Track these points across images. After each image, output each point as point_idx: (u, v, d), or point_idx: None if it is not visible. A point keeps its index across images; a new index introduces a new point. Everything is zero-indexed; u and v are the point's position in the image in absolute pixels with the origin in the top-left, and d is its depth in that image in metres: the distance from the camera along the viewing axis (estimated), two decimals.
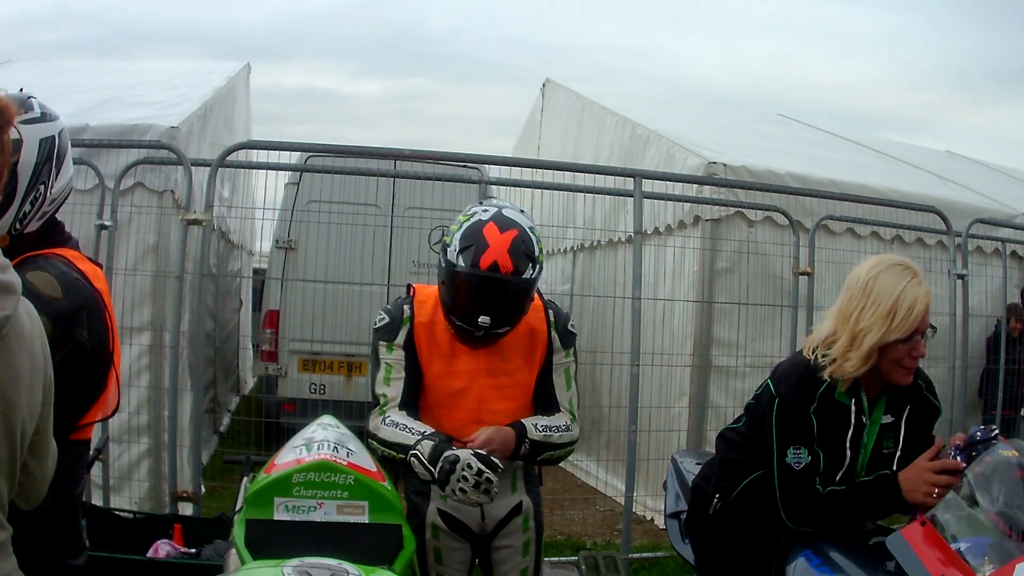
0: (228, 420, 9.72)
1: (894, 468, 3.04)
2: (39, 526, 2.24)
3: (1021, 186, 12.20)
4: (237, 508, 4.14)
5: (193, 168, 5.75)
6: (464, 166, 7.64)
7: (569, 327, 3.32)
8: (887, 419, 3.09)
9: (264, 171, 6.58)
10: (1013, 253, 8.87)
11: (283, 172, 7.32)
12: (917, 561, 2.51)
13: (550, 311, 3.30)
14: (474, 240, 3.02)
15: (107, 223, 5.59)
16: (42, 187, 2.44)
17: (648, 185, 6.48)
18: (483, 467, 2.81)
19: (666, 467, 4.26)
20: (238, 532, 2.83)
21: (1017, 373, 8.11)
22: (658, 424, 6.78)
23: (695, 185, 7.28)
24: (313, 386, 8.66)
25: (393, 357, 3.18)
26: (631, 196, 6.23)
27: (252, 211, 6.72)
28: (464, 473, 2.80)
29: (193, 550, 4.31)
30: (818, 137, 12.27)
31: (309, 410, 7.35)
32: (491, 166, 7.24)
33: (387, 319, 3.22)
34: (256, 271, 12.48)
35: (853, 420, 3.01)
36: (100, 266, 2.74)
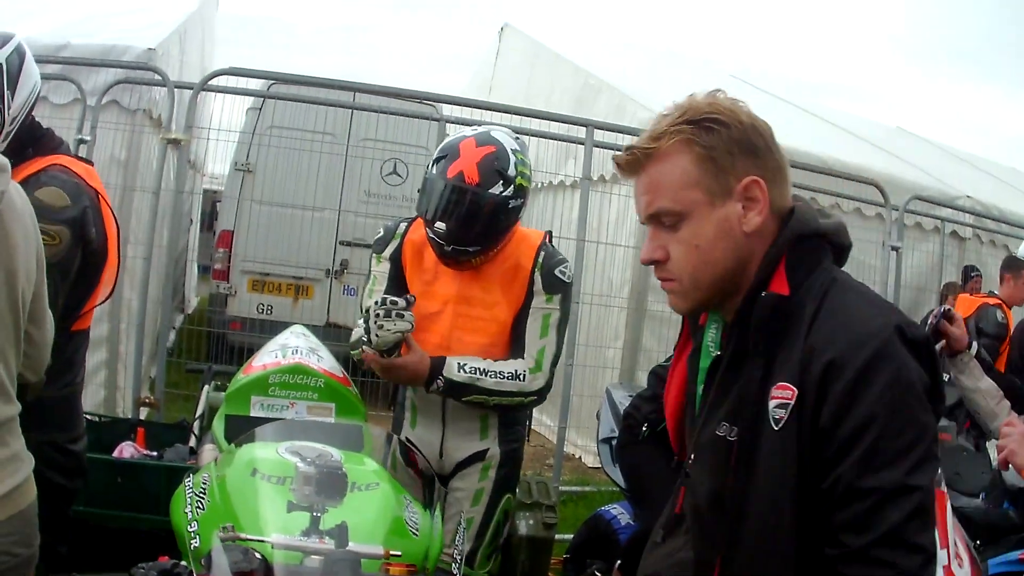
0: (174, 336, 9.87)
1: None
2: (43, 415, 2.35)
3: (966, 167, 12.39)
4: (198, 414, 4.40)
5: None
6: (420, 103, 7.83)
7: (557, 272, 3.15)
8: None
9: (223, 94, 6.69)
10: (953, 233, 9.09)
11: (245, 97, 7.47)
12: None
13: (542, 252, 3.17)
14: (448, 151, 3.01)
15: (86, 137, 5.70)
16: None
17: (599, 135, 6.72)
18: (380, 312, 2.82)
19: (595, 405, 4.46)
20: (217, 426, 3.10)
21: None
22: (591, 362, 6.98)
23: None
24: (261, 306, 8.80)
25: (379, 269, 3.18)
26: (582, 144, 6.44)
27: (209, 132, 6.87)
28: (368, 324, 2.84)
29: (155, 453, 4.38)
30: (767, 101, 12.35)
31: (256, 329, 7.58)
32: (446, 105, 7.44)
33: (382, 232, 3.24)
34: (206, 192, 12.55)
35: None
36: (91, 163, 2.95)
